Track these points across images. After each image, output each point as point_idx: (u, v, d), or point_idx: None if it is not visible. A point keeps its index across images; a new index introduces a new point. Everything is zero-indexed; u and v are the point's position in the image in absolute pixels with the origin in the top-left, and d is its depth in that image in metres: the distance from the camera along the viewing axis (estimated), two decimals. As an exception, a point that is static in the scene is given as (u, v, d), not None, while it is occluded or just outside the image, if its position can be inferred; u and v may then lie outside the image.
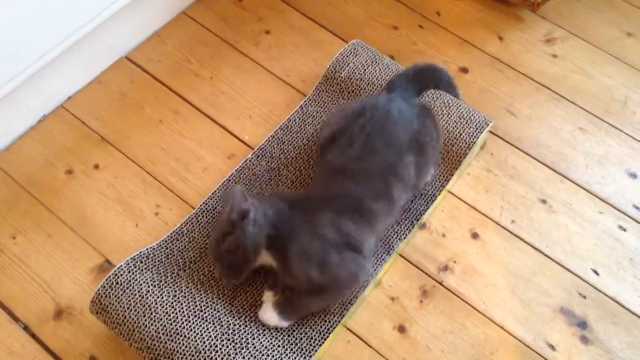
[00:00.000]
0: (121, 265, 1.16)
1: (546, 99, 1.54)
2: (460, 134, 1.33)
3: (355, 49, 1.46)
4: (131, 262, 1.17)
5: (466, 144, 1.32)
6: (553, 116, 1.51)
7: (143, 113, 1.50)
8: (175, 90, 1.53)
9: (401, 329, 1.23)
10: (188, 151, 1.44)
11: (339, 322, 1.17)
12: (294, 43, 1.62)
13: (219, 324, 1.11)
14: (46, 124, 1.48)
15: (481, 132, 1.34)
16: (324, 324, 1.16)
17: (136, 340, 1.09)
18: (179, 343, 1.07)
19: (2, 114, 1.37)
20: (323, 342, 1.15)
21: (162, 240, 1.23)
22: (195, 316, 1.11)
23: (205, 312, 1.12)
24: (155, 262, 1.18)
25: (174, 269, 1.18)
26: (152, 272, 1.16)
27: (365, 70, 1.42)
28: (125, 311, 1.11)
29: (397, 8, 1.69)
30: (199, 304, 1.13)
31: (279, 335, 1.14)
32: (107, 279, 1.14)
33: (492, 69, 1.58)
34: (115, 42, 1.55)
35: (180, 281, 1.16)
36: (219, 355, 1.06)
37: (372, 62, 1.43)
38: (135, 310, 1.11)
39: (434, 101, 1.37)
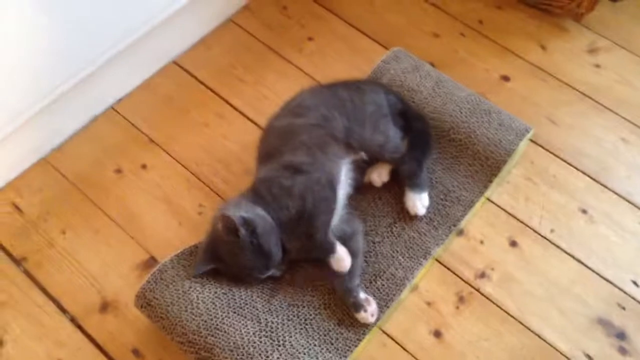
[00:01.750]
0: (165, 262, 1.20)
1: (588, 108, 1.53)
2: (500, 141, 1.34)
3: (396, 56, 1.48)
4: (175, 259, 1.21)
5: (506, 150, 1.33)
6: (595, 126, 1.50)
7: (189, 116, 1.55)
8: (220, 94, 1.58)
9: (437, 334, 1.24)
10: (231, 154, 1.48)
11: (376, 324, 1.19)
12: (336, 50, 1.65)
13: (257, 321, 1.14)
14: (97, 125, 1.54)
15: (521, 139, 1.34)
16: (360, 325, 1.18)
17: (178, 335, 1.13)
18: (219, 338, 1.11)
19: (55, 113, 1.44)
20: (359, 343, 1.16)
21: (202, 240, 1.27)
22: (235, 313, 1.14)
23: (244, 309, 1.15)
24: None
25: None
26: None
27: (406, 77, 1.44)
28: (168, 306, 1.15)
29: (439, 16, 1.70)
30: (239, 301, 1.16)
31: (316, 335, 1.16)
32: (152, 275, 1.18)
33: (534, 77, 1.58)
34: (164, 48, 1.61)
35: (220, 279, 1.19)
36: (256, 352, 1.09)
37: (413, 69, 1.45)
38: (178, 306, 1.14)
39: (473, 108, 1.38)
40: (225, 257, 1.15)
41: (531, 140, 1.46)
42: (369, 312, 1.16)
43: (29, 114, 1.38)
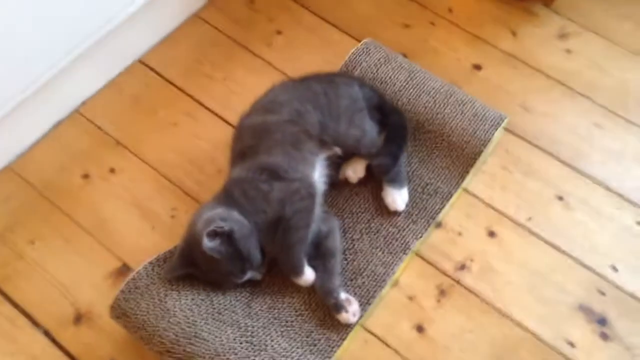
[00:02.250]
0: (139, 271, 1.17)
1: (561, 95, 1.53)
2: (475, 131, 1.32)
3: (367, 48, 1.45)
4: (149, 266, 1.17)
5: (481, 141, 1.32)
6: (568, 112, 1.50)
7: (157, 116, 1.50)
8: (188, 93, 1.54)
9: (419, 329, 1.23)
10: (202, 153, 1.45)
11: (357, 323, 1.17)
12: (305, 43, 1.62)
13: (237, 327, 1.11)
14: (61, 129, 1.49)
15: (496, 129, 1.33)
16: (342, 325, 1.16)
17: (156, 344, 1.10)
18: (198, 346, 1.08)
19: (17, 120, 1.38)
20: (342, 343, 1.15)
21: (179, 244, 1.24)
22: (214, 319, 1.11)
23: (223, 315, 1.13)
24: (172, 265, 1.19)
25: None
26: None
27: (378, 69, 1.41)
28: (144, 315, 1.11)
29: (409, 6, 1.68)
30: (217, 307, 1.14)
31: (297, 337, 1.14)
32: (126, 284, 1.15)
33: (505, 65, 1.57)
34: (129, 46, 1.56)
35: (197, 284, 1.16)
36: (237, 358, 1.07)
37: (385, 60, 1.42)
38: (155, 315, 1.11)
39: (447, 99, 1.36)
40: (201, 263, 1.13)
41: (505, 129, 1.45)
42: (350, 312, 1.14)
43: (-11, 122, 1.33)
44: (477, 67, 1.57)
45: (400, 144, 1.30)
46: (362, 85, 1.34)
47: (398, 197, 1.27)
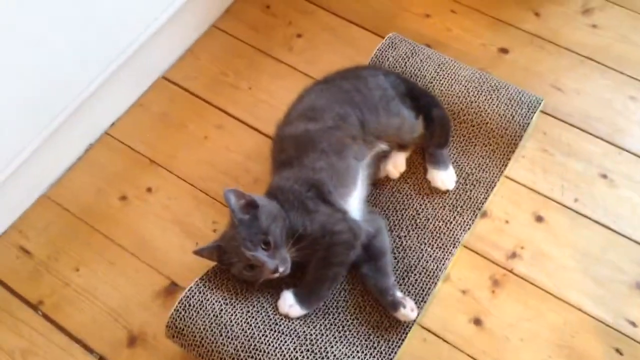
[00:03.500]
0: (191, 287, 1.15)
1: (591, 70, 1.50)
2: (513, 116, 1.30)
3: (393, 42, 1.43)
4: (200, 282, 1.16)
5: (520, 125, 1.30)
6: (601, 88, 1.47)
7: (187, 131, 1.49)
8: (215, 105, 1.53)
9: (477, 322, 1.21)
10: (236, 164, 1.43)
11: (414, 323, 1.15)
12: (327, 43, 1.60)
13: (295, 336, 1.10)
14: (93, 153, 1.48)
15: (534, 112, 1.31)
16: (400, 325, 1.15)
17: (216, 361, 1.09)
18: (259, 358, 1.07)
19: (49, 148, 1.38)
20: (402, 343, 1.13)
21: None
22: (272, 330, 1.10)
23: (280, 325, 1.11)
24: (223, 279, 1.18)
25: (243, 285, 1.17)
26: (222, 290, 1.16)
27: (406, 62, 1.39)
28: (201, 332, 1.10)
29: (427, -5, 1.66)
30: (273, 318, 1.12)
31: (356, 341, 1.13)
32: (179, 302, 1.14)
33: (532, 46, 1.55)
34: (152, 64, 1.55)
35: (251, 296, 1.15)
36: (301, 368, 1.06)
37: (412, 54, 1.41)
38: (211, 330, 1.10)
39: (480, 86, 1.34)
40: (226, 235, 1.13)
41: (540, 111, 1.43)
42: (409, 307, 1.12)
43: (24, 154, 1.32)
44: (504, 51, 1.54)
45: (442, 123, 1.28)
46: (387, 74, 1.32)
47: (447, 177, 1.27)
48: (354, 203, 1.21)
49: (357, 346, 1.12)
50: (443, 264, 1.21)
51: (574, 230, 1.29)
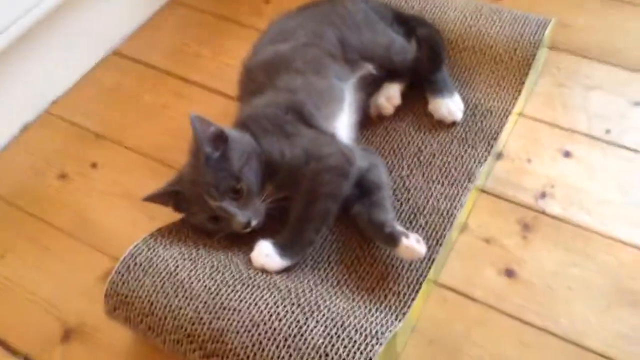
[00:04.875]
0: (138, 244, 0.89)
1: (600, 5, 1.32)
2: (521, 35, 1.10)
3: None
4: (150, 238, 0.90)
5: (531, 43, 1.09)
6: (615, 20, 1.29)
7: (142, 102, 1.28)
8: (175, 74, 1.32)
9: (509, 273, 0.94)
10: (200, 132, 1.20)
11: (430, 267, 0.89)
12: (298, 4, 1.42)
13: (276, 289, 0.83)
14: (30, 133, 1.25)
15: (545, 29, 1.11)
16: (411, 274, 0.88)
17: (170, 331, 0.81)
18: (229, 319, 0.79)
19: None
20: (416, 295, 0.86)
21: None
22: (243, 284, 0.83)
23: (255, 280, 0.84)
24: (182, 236, 0.92)
25: (207, 242, 0.91)
26: (180, 246, 0.89)
27: (390, 1, 1.21)
28: (150, 296, 0.83)
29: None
30: (246, 272, 0.85)
31: (356, 297, 0.86)
32: (122, 262, 0.87)
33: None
34: (100, 37, 1.35)
35: (216, 252, 0.89)
36: (284, 324, 0.78)
37: None
38: (164, 292, 0.83)
39: (478, 10, 1.15)
40: (188, 174, 0.90)
41: (549, 48, 1.23)
42: (413, 238, 0.85)
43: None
44: (498, 4, 1.37)
45: (436, 46, 1.07)
46: (369, 2, 1.14)
47: (453, 105, 1.04)
48: (342, 128, 0.98)
49: (358, 301, 0.85)
50: (458, 201, 0.95)
51: (610, 162, 1.06)
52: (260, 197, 0.88)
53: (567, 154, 1.08)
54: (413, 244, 0.84)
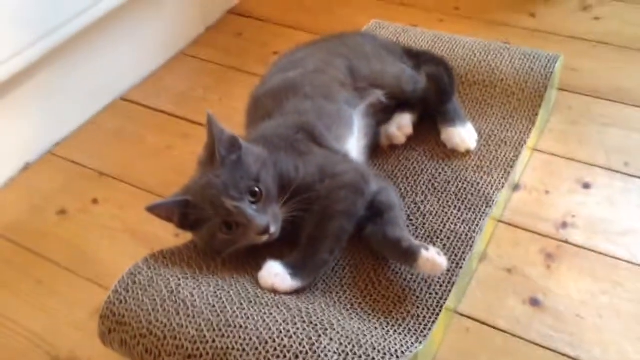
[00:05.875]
0: (138, 264, 0.83)
1: (606, 52, 1.34)
2: (532, 69, 1.10)
3: (379, 25, 1.28)
4: (151, 258, 0.85)
5: (542, 76, 1.09)
6: (622, 63, 1.30)
7: (146, 142, 1.26)
8: (181, 117, 1.31)
9: (534, 302, 0.88)
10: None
11: (450, 290, 0.82)
12: (307, 58, 1.43)
13: (285, 308, 0.76)
14: (30, 172, 1.22)
15: (554, 63, 1.10)
16: (430, 297, 0.82)
17: (170, 353, 0.74)
18: (234, 337, 0.72)
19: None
20: (436, 319, 0.79)
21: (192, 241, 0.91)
22: (251, 302, 0.77)
23: (263, 299, 0.78)
24: (184, 257, 0.86)
25: (212, 264, 0.85)
26: (182, 266, 0.84)
27: (398, 38, 1.22)
28: (149, 315, 0.76)
29: (411, 12, 1.54)
30: (252, 291, 0.79)
31: (372, 318, 0.79)
32: (120, 281, 0.81)
33: (534, 39, 1.40)
34: (107, 84, 1.35)
35: (222, 273, 0.83)
36: (295, 341, 0.71)
37: (403, 31, 1.24)
38: (164, 310, 0.76)
39: (487, 48, 1.16)
40: (197, 181, 0.84)
41: (560, 89, 1.23)
42: (433, 250, 0.79)
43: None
44: (505, 43, 1.38)
45: (448, 77, 1.05)
46: (376, 38, 1.15)
47: (466, 133, 1.00)
48: (353, 151, 0.94)
49: (374, 323, 0.78)
50: (477, 226, 0.90)
51: (630, 191, 1.03)
52: (278, 203, 0.84)
53: (586, 185, 1.04)
54: (434, 255, 0.78)
